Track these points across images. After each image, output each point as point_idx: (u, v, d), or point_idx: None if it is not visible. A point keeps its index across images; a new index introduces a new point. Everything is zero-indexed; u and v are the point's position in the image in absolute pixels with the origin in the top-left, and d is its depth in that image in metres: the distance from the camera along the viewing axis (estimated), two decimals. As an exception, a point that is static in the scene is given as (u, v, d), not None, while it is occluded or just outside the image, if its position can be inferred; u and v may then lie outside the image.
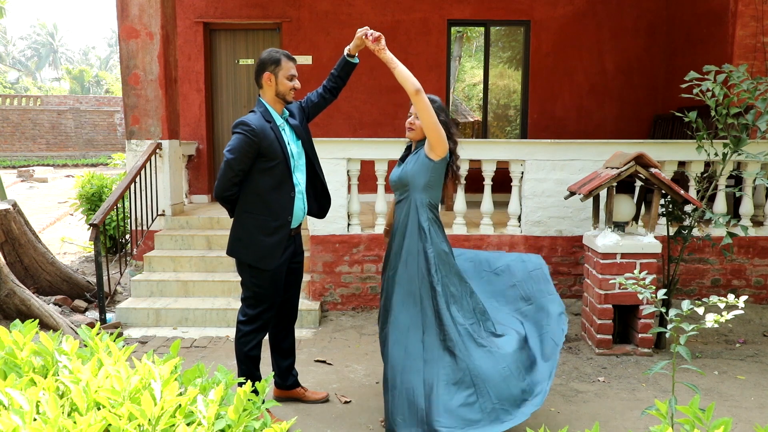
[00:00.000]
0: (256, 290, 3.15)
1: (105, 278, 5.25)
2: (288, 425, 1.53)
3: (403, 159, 3.18)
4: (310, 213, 3.39)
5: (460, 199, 5.17)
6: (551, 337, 3.08)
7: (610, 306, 4.22)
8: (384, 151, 5.08)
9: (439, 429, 2.74)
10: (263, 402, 1.66)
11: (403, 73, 2.90)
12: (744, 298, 1.93)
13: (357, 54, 3.24)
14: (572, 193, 4.56)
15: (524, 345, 3.05)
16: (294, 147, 3.16)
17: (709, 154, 4.13)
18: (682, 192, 4.17)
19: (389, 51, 2.97)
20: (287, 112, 3.18)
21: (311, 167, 3.27)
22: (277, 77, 3.05)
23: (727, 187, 5.03)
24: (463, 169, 5.17)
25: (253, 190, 3.06)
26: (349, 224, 5.23)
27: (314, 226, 5.13)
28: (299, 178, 3.19)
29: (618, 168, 4.17)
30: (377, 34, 3.00)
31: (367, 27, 3.08)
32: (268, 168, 3.02)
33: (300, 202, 3.19)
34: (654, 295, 2.20)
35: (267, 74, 3.05)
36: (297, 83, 3.11)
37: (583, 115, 8.19)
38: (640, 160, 4.15)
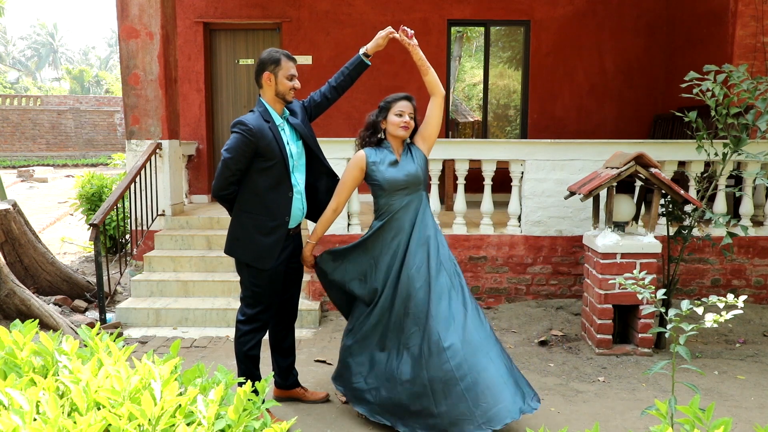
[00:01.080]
0: (255, 290, 3.15)
1: (105, 278, 5.25)
2: (288, 425, 1.53)
3: (395, 160, 3.15)
4: (310, 217, 3.37)
5: (460, 199, 5.17)
6: None
7: (610, 306, 4.22)
8: (384, 151, 5.07)
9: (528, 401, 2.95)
10: (263, 402, 1.66)
11: (434, 76, 3.17)
12: (743, 297, 1.93)
13: (371, 56, 3.26)
14: (572, 193, 4.56)
15: None
16: (294, 147, 3.15)
17: (709, 154, 4.13)
18: (682, 192, 4.17)
19: (420, 50, 3.16)
20: (287, 112, 3.18)
21: (316, 165, 3.26)
22: (277, 77, 3.05)
23: (727, 187, 5.03)
24: (463, 169, 5.18)
25: (251, 190, 3.06)
26: (349, 224, 5.23)
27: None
28: (298, 178, 3.18)
29: (618, 168, 4.17)
30: (412, 31, 3.15)
31: (389, 27, 3.17)
32: (266, 168, 3.02)
33: (299, 202, 3.18)
34: (654, 295, 2.20)
35: (267, 74, 3.05)
36: (297, 83, 3.11)
37: (583, 115, 8.19)
38: (640, 160, 4.15)
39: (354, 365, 3.22)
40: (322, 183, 3.29)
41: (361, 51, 3.23)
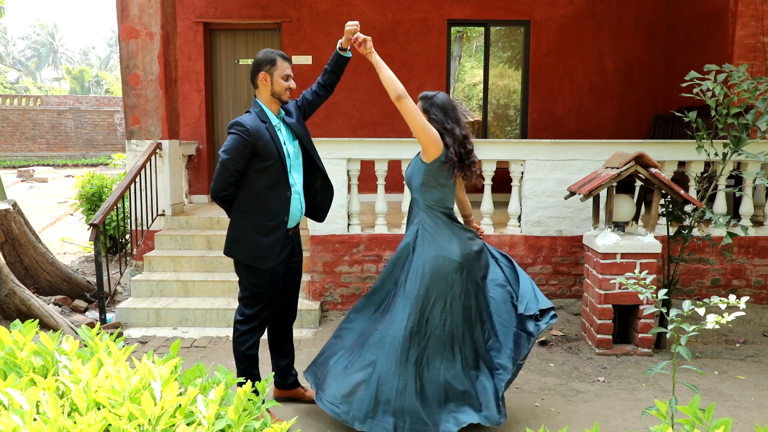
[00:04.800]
0: (254, 290, 3.14)
1: (105, 278, 5.25)
2: (288, 425, 1.53)
3: None
4: (308, 215, 3.37)
5: (460, 199, 5.17)
6: None
7: (610, 306, 4.22)
8: (384, 151, 5.08)
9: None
10: (263, 402, 1.66)
11: (387, 78, 2.93)
12: (745, 299, 1.93)
13: (349, 48, 3.23)
14: (572, 193, 4.56)
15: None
16: (290, 147, 3.15)
17: (709, 154, 4.13)
18: (682, 192, 4.17)
19: (377, 54, 3.02)
20: (283, 112, 3.19)
21: (312, 165, 3.26)
22: (273, 77, 3.06)
23: (727, 187, 5.03)
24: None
25: (249, 190, 3.06)
26: (349, 224, 5.23)
27: (314, 226, 5.13)
28: (296, 178, 3.18)
29: (618, 168, 4.17)
30: (363, 37, 3.04)
31: (357, 22, 3.10)
32: (264, 168, 3.02)
33: (297, 202, 3.19)
34: (654, 295, 2.20)
35: (262, 74, 3.06)
36: (292, 83, 3.11)
37: (583, 115, 8.19)
38: (640, 160, 4.15)
39: None
40: (317, 182, 3.29)
41: (338, 45, 3.24)
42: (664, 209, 4.44)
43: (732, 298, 1.91)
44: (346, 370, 3.04)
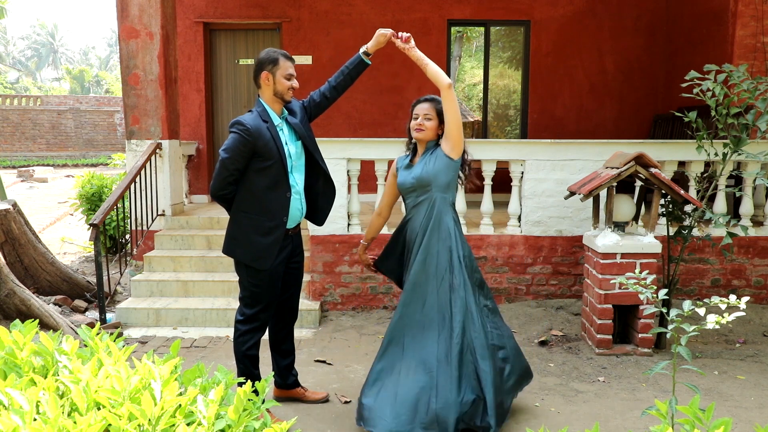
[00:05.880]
0: (254, 290, 3.14)
1: (105, 278, 5.25)
2: (288, 425, 1.53)
3: (411, 162, 3.17)
4: (308, 218, 3.36)
5: (460, 199, 5.17)
6: None
7: (610, 306, 4.22)
8: (384, 151, 5.08)
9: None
10: (263, 402, 1.66)
11: (434, 69, 3.06)
12: (745, 299, 1.92)
13: (369, 58, 3.25)
14: (572, 193, 4.56)
15: None
16: (292, 147, 3.14)
17: (709, 154, 4.13)
18: (682, 192, 4.17)
19: (418, 50, 3.11)
20: (286, 112, 3.18)
21: (314, 166, 3.26)
22: (275, 76, 3.05)
23: (727, 187, 5.03)
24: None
25: (249, 190, 3.06)
26: (349, 224, 5.23)
27: (314, 226, 5.13)
28: (297, 178, 3.17)
29: (618, 168, 4.17)
30: (407, 35, 3.12)
31: (390, 29, 3.16)
32: (264, 168, 3.02)
33: (297, 202, 3.18)
34: (654, 295, 2.19)
35: (265, 73, 3.05)
36: (295, 83, 3.11)
37: (583, 115, 8.19)
38: (640, 160, 4.15)
39: None
40: (319, 184, 3.28)
41: (362, 50, 3.22)
42: (664, 209, 4.44)
43: (732, 298, 1.91)
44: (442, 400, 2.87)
